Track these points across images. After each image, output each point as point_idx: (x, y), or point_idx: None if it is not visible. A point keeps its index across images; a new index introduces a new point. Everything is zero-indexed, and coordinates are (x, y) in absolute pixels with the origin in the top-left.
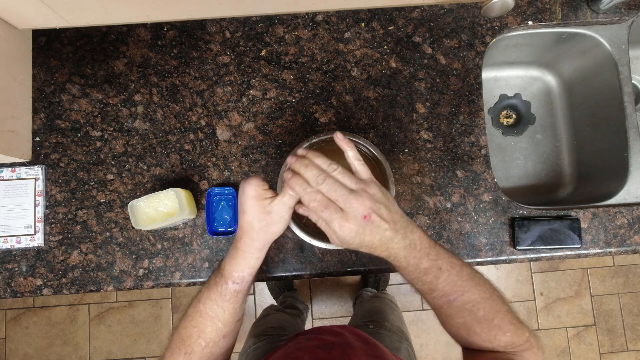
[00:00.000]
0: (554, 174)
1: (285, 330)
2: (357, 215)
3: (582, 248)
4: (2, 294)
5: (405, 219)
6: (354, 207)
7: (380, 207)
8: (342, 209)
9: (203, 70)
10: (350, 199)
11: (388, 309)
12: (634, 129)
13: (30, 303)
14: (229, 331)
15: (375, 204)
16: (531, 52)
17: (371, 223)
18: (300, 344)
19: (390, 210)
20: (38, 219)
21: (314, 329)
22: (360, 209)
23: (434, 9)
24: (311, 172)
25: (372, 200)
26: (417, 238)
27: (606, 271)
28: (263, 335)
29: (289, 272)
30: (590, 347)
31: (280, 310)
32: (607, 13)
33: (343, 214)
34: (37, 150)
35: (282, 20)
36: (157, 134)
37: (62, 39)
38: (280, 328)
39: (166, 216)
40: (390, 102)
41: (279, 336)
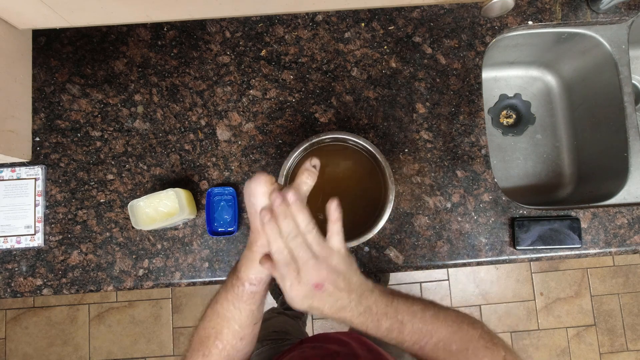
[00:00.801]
0: (554, 174)
1: (289, 335)
2: (310, 281)
3: (582, 248)
4: (2, 294)
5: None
6: (309, 274)
7: (338, 278)
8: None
9: (203, 70)
10: (309, 264)
11: None
12: (634, 129)
13: (30, 303)
14: (246, 334)
15: (331, 275)
16: (531, 52)
17: (322, 292)
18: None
19: (349, 281)
20: (38, 219)
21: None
22: (315, 277)
23: (434, 9)
24: (287, 225)
25: (331, 271)
26: (372, 302)
27: (606, 271)
28: (266, 340)
29: None
30: (590, 347)
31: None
32: (607, 13)
33: (297, 276)
34: (37, 150)
35: (282, 20)
36: (157, 134)
37: (62, 39)
38: (283, 332)
39: (166, 216)
40: (390, 102)
41: (282, 341)
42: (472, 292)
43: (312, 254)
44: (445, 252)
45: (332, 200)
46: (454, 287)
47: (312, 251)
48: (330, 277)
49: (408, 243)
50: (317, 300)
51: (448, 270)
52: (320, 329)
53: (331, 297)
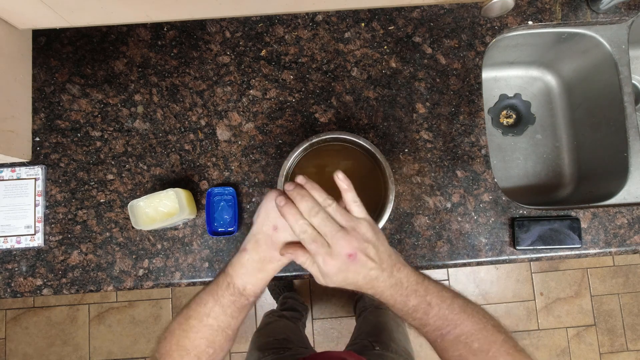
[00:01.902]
0: (554, 174)
1: (290, 342)
2: (342, 253)
3: (582, 248)
4: (2, 294)
5: (393, 258)
6: (340, 245)
7: (368, 247)
8: (329, 245)
9: (203, 70)
10: (338, 235)
11: (394, 326)
12: (634, 129)
13: (30, 303)
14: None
15: (362, 244)
16: (531, 52)
17: (356, 262)
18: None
19: (378, 250)
20: (38, 219)
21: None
22: (347, 247)
23: (434, 9)
24: (306, 203)
25: (360, 240)
26: (404, 276)
27: (606, 271)
28: (268, 349)
29: (289, 272)
30: (590, 347)
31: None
32: (607, 13)
33: (329, 249)
34: (37, 150)
35: (282, 20)
36: (157, 134)
37: (62, 39)
38: (284, 340)
39: (166, 216)
40: (390, 102)
41: (284, 350)
42: (472, 292)
43: (339, 226)
44: (445, 252)
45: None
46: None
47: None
48: (362, 246)
49: (408, 243)
50: (352, 271)
51: (448, 270)
52: (321, 329)
53: (364, 268)
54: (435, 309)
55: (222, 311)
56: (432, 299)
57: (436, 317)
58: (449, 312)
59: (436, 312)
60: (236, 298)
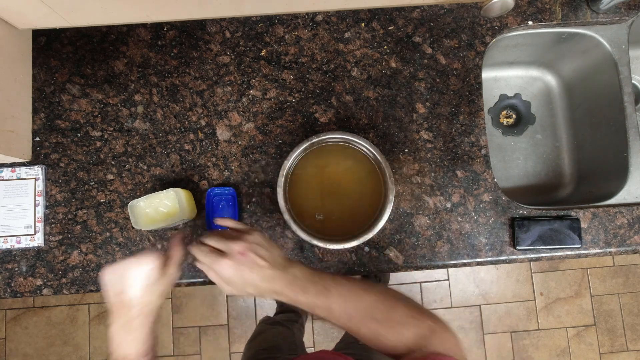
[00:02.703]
0: (554, 174)
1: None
2: (234, 252)
3: (582, 248)
4: (2, 294)
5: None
6: (230, 247)
7: (257, 247)
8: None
9: (203, 70)
10: (229, 242)
11: None
12: (634, 129)
13: (30, 303)
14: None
15: (251, 245)
16: (531, 52)
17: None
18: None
19: (269, 251)
20: (38, 219)
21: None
22: (236, 247)
23: (434, 9)
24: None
25: (249, 242)
26: (297, 271)
27: (606, 271)
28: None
29: None
30: (590, 347)
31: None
32: (607, 13)
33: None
34: (37, 150)
35: (282, 20)
36: (157, 134)
37: (62, 39)
38: (273, 348)
39: (166, 216)
40: (390, 102)
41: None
42: (472, 292)
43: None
44: (445, 252)
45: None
46: (454, 287)
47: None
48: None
49: (408, 243)
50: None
51: (448, 270)
52: (321, 329)
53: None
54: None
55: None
56: (329, 284)
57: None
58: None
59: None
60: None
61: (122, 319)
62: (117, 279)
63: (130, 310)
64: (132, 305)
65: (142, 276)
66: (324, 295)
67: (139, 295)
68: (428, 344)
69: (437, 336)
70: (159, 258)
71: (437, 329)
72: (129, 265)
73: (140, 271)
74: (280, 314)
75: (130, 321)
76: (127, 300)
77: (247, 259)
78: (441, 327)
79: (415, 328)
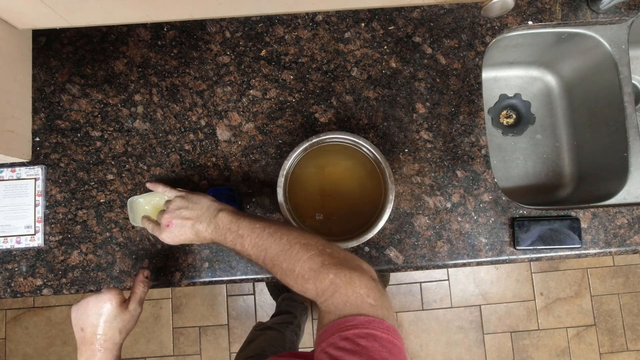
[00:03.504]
0: (554, 174)
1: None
2: (163, 225)
3: (582, 248)
4: (2, 294)
5: (211, 211)
6: (160, 221)
7: (180, 211)
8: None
9: (203, 70)
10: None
11: None
12: (634, 129)
13: (30, 303)
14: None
15: (173, 213)
16: (531, 52)
17: (174, 226)
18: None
19: (192, 210)
20: (38, 219)
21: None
22: (163, 221)
23: (434, 9)
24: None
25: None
26: (219, 220)
27: (606, 271)
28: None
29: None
30: (590, 347)
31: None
32: (607, 13)
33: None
34: (37, 150)
35: (282, 20)
36: (157, 134)
37: (62, 39)
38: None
39: None
40: (390, 102)
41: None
42: (472, 292)
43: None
44: (445, 252)
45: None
46: (454, 287)
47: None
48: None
49: (408, 243)
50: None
51: (448, 270)
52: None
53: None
54: (247, 239)
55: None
56: (244, 232)
57: (250, 246)
58: (259, 239)
59: (248, 242)
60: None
61: (85, 355)
62: (79, 316)
63: (91, 346)
64: (92, 342)
65: (101, 312)
66: (240, 244)
67: (99, 332)
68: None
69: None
70: (119, 295)
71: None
72: (89, 303)
73: (99, 308)
74: (277, 315)
75: (92, 356)
76: (88, 336)
77: (173, 227)
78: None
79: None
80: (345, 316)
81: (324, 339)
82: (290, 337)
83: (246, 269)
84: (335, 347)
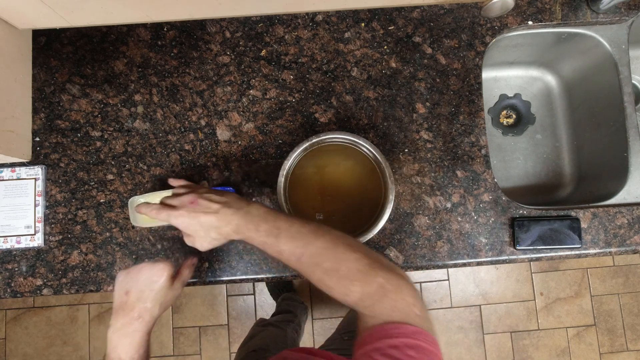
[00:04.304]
0: (554, 174)
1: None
2: (185, 203)
3: (582, 248)
4: (2, 294)
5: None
6: (181, 200)
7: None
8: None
9: (203, 70)
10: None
11: None
12: (634, 129)
13: (30, 303)
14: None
15: (201, 195)
16: (531, 52)
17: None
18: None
19: (220, 196)
20: (38, 219)
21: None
22: (186, 199)
23: (434, 9)
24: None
25: (198, 193)
26: (252, 208)
27: (606, 271)
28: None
29: (288, 272)
30: (590, 347)
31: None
32: (607, 13)
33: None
34: (37, 150)
35: (282, 20)
36: (157, 134)
37: (62, 39)
38: (262, 350)
39: None
40: (390, 102)
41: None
42: (472, 292)
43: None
44: (445, 252)
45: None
46: (454, 287)
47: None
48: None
49: (408, 243)
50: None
51: (448, 270)
52: (321, 329)
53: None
54: (284, 232)
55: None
56: (281, 224)
57: (286, 240)
58: (298, 234)
59: (285, 235)
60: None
61: (121, 320)
62: (127, 279)
63: (130, 312)
64: (133, 308)
65: (152, 280)
66: (274, 235)
67: (143, 299)
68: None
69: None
70: (172, 269)
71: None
72: (142, 268)
73: (152, 275)
74: (277, 315)
75: (128, 324)
76: (130, 301)
77: (199, 206)
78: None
79: (363, 285)
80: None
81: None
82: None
83: (246, 269)
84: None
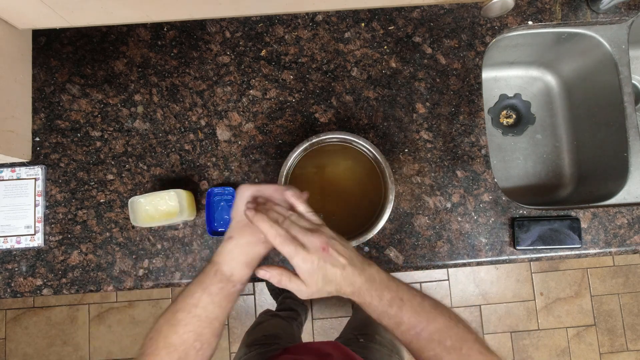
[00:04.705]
0: (554, 174)
1: (279, 338)
2: (316, 246)
3: (582, 248)
4: (2, 294)
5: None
6: (312, 241)
7: (336, 243)
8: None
9: (203, 70)
10: (308, 234)
11: None
12: (634, 129)
13: (30, 303)
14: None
15: (330, 240)
16: (531, 52)
17: (330, 255)
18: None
19: (344, 247)
20: (38, 219)
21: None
22: (318, 241)
23: (434, 9)
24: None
25: (327, 237)
26: (374, 272)
27: (606, 271)
28: (255, 345)
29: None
30: (590, 347)
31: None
32: (607, 13)
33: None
34: (37, 150)
35: (282, 20)
36: (157, 134)
37: (62, 39)
38: (273, 336)
39: (166, 215)
40: (390, 102)
41: (270, 345)
42: (472, 292)
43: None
44: (445, 252)
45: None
46: (454, 287)
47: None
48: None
49: (408, 243)
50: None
51: (448, 270)
52: (321, 329)
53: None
54: (407, 304)
55: (210, 300)
56: (404, 295)
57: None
58: (421, 308)
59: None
60: (224, 285)
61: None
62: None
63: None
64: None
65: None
66: (397, 306)
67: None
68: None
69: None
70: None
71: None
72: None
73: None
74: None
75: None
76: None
77: (328, 255)
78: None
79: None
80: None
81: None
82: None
83: None
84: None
